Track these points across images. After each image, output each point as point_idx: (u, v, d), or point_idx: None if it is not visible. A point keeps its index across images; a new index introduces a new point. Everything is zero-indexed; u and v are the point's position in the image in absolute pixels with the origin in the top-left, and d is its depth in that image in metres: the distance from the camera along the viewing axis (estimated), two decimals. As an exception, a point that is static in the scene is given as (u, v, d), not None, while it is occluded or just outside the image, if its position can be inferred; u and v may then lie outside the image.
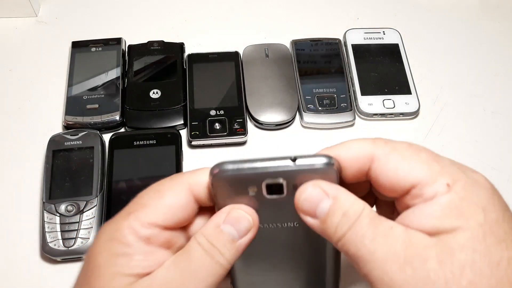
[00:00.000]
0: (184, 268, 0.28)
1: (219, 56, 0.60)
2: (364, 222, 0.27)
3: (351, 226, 0.27)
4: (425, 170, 0.27)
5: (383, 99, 0.57)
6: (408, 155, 0.28)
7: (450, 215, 0.26)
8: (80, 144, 0.51)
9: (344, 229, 0.27)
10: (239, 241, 0.29)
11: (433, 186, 0.27)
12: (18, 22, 0.64)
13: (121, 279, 0.27)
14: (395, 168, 0.28)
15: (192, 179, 0.30)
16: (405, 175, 0.27)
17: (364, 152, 0.29)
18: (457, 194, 0.26)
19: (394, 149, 0.28)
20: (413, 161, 0.28)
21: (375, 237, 0.26)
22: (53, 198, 0.48)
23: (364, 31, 0.63)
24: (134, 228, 0.28)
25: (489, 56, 0.63)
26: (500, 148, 0.56)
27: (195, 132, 0.54)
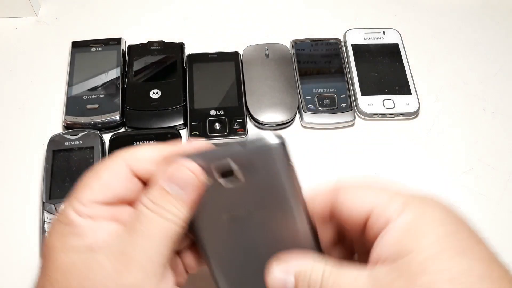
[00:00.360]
0: (134, 230, 0.28)
1: (219, 56, 0.60)
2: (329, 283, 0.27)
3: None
4: (381, 194, 0.28)
5: (383, 99, 0.57)
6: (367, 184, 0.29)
7: (406, 238, 0.26)
8: (80, 144, 0.51)
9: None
10: (187, 197, 0.29)
11: (389, 207, 0.27)
12: (18, 22, 0.64)
13: (74, 252, 0.28)
14: (354, 194, 0.29)
15: (129, 156, 0.30)
16: (364, 199, 0.29)
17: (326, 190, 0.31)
18: (413, 212, 0.27)
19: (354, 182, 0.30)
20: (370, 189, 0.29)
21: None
22: (53, 198, 0.48)
23: (364, 31, 0.63)
24: (76, 209, 0.29)
25: (489, 56, 0.63)
26: (500, 148, 0.56)
27: (195, 132, 0.54)
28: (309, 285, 0.28)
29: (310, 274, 0.28)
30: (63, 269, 0.28)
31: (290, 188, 0.29)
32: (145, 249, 0.28)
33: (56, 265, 0.28)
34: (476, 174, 0.54)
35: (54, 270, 0.28)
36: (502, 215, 0.51)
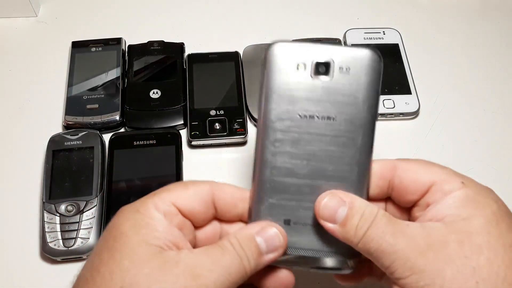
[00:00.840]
0: (215, 258, 0.30)
1: (219, 56, 0.60)
2: (382, 221, 0.30)
3: (370, 225, 0.30)
4: (442, 172, 0.32)
5: (383, 99, 0.57)
6: (424, 163, 0.33)
7: (466, 206, 0.30)
8: (80, 144, 0.51)
9: (364, 229, 0.30)
10: (265, 256, 0.31)
11: (450, 183, 0.31)
12: (18, 22, 0.64)
13: (146, 247, 0.29)
14: (415, 171, 0.33)
15: (216, 185, 0.33)
16: (425, 175, 0.32)
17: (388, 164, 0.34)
18: (471, 189, 0.30)
19: (411, 160, 0.34)
20: (430, 166, 0.33)
21: (395, 232, 0.29)
22: (53, 198, 0.48)
23: (364, 31, 0.63)
24: (157, 204, 0.31)
25: (489, 56, 0.63)
26: (500, 148, 0.56)
27: (195, 132, 0.54)
28: (362, 216, 0.30)
29: (365, 207, 0.31)
30: (138, 262, 0.29)
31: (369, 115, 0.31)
32: (218, 282, 0.29)
33: (131, 256, 0.29)
34: (476, 174, 0.54)
35: (127, 259, 0.29)
36: (502, 215, 0.51)
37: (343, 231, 0.31)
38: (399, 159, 0.34)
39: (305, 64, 0.29)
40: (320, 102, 0.30)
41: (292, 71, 0.29)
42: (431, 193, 0.32)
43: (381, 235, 0.30)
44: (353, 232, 0.31)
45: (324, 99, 0.30)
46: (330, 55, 0.29)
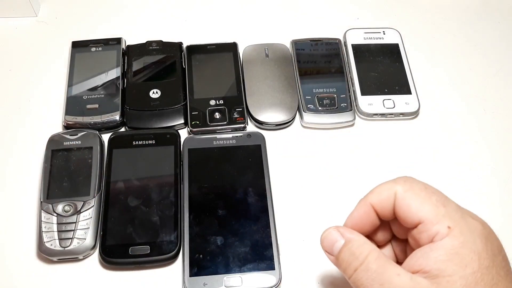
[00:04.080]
0: None
1: (217, 47, 0.60)
2: (373, 266, 0.32)
3: (360, 265, 0.32)
4: (432, 211, 0.32)
5: (383, 99, 0.57)
6: (422, 196, 0.33)
7: (451, 261, 0.31)
8: (79, 144, 0.51)
9: (354, 267, 0.32)
10: None
11: (436, 226, 0.32)
12: (18, 22, 0.64)
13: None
14: (408, 204, 0.33)
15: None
16: (416, 211, 0.33)
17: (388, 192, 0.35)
18: (457, 239, 0.31)
19: (411, 188, 0.34)
20: (425, 201, 0.33)
21: (383, 282, 0.31)
22: (50, 198, 0.48)
23: (364, 31, 0.63)
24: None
25: (489, 56, 0.63)
26: (500, 148, 0.56)
27: (196, 122, 0.54)
28: (351, 254, 0.33)
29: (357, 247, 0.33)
30: None
31: None
32: None
33: None
34: (476, 174, 0.54)
35: None
36: (502, 215, 0.51)
37: (337, 263, 0.34)
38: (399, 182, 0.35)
39: None
40: None
41: None
42: (418, 231, 0.33)
43: (370, 281, 0.32)
44: (344, 266, 0.34)
45: None
46: None
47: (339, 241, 0.34)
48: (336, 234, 0.35)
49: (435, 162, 0.55)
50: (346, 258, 0.33)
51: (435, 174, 0.54)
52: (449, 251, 0.31)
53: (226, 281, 0.44)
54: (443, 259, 0.31)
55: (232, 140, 0.53)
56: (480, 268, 0.30)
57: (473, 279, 0.30)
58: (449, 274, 0.30)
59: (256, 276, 0.45)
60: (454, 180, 0.53)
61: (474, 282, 0.30)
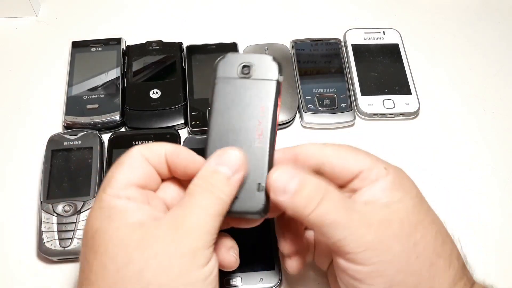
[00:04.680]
0: (189, 204, 0.31)
1: (218, 47, 0.60)
2: (335, 195, 0.32)
3: (323, 197, 0.32)
4: (367, 159, 0.35)
5: (383, 99, 0.57)
6: (352, 150, 0.36)
7: (396, 189, 0.34)
8: (79, 144, 0.51)
9: (317, 200, 0.32)
10: (233, 177, 0.33)
11: (374, 170, 0.35)
12: (18, 22, 0.64)
13: (126, 228, 0.30)
14: (345, 158, 0.35)
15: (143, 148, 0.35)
16: (353, 163, 0.35)
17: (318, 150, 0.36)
18: (396, 174, 0.35)
19: (340, 146, 0.36)
20: (357, 154, 0.36)
21: (348, 207, 0.32)
22: (50, 198, 0.48)
23: (364, 31, 0.63)
24: (112, 194, 0.32)
25: (489, 56, 0.63)
26: (500, 148, 0.56)
27: (196, 122, 0.54)
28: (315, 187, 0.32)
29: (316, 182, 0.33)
30: (122, 243, 0.30)
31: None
32: (199, 220, 0.31)
33: (113, 242, 0.30)
34: (476, 174, 0.54)
35: (112, 246, 0.30)
36: (502, 215, 0.51)
37: (293, 202, 0.32)
38: (328, 144, 0.36)
39: None
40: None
41: None
42: (359, 180, 0.35)
43: (335, 209, 0.32)
44: (304, 202, 0.32)
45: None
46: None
47: (292, 180, 0.32)
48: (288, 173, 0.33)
49: (435, 162, 0.55)
50: (306, 194, 0.32)
51: (435, 174, 0.54)
52: (393, 182, 0.34)
53: (226, 281, 0.44)
54: (389, 188, 0.34)
55: None
56: (419, 193, 0.35)
57: (418, 200, 0.34)
58: (399, 198, 0.33)
59: (256, 276, 0.45)
60: (454, 180, 0.53)
61: (419, 202, 0.34)
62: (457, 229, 0.36)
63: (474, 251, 0.48)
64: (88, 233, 0.32)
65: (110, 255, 0.30)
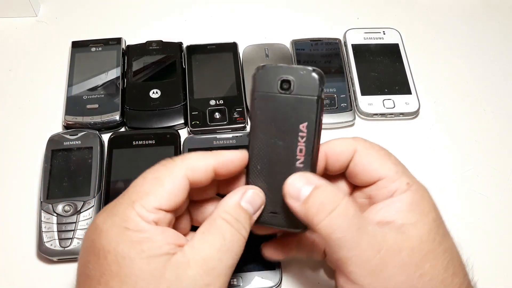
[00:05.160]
0: (218, 244, 0.31)
1: (217, 47, 0.60)
2: (350, 211, 0.31)
3: (335, 209, 0.31)
4: (392, 169, 0.34)
5: (383, 99, 0.57)
6: (382, 154, 0.35)
7: (413, 210, 0.33)
8: (79, 144, 0.51)
9: (328, 210, 0.31)
10: (254, 216, 0.33)
11: (395, 183, 0.34)
12: (18, 22, 0.64)
13: (155, 262, 0.29)
14: (370, 162, 0.35)
15: (188, 165, 0.33)
16: (377, 168, 0.34)
17: (348, 147, 0.35)
18: (417, 193, 0.33)
19: (371, 146, 0.35)
20: (385, 160, 0.35)
21: (361, 228, 0.31)
22: (50, 197, 0.48)
23: (364, 31, 0.63)
24: (142, 215, 0.30)
25: (489, 56, 0.63)
26: (500, 148, 0.56)
27: (196, 122, 0.54)
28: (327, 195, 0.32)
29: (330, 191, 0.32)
30: (153, 279, 0.29)
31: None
32: (228, 265, 0.31)
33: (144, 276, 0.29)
34: (476, 174, 0.54)
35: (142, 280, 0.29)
36: (502, 215, 0.51)
37: (305, 208, 0.32)
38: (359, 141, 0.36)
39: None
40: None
41: None
42: (376, 187, 0.34)
43: (346, 225, 0.31)
44: (315, 210, 0.31)
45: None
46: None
47: (306, 186, 0.32)
48: (304, 179, 0.33)
49: (435, 162, 0.55)
50: (319, 201, 0.32)
51: (435, 174, 0.54)
52: (410, 203, 0.33)
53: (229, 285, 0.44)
54: (406, 209, 0.33)
55: (232, 140, 0.53)
56: (438, 217, 0.33)
57: (435, 225, 0.33)
58: (414, 221, 0.32)
59: (256, 276, 0.45)
60: (454, 180, 0.53)
61: (436, 227, 0.33)
62: (457, 230, 0.36)
63: (474, 251, 0.48)
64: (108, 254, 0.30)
65: None
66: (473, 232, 0.50)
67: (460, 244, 0.35)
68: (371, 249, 0.31)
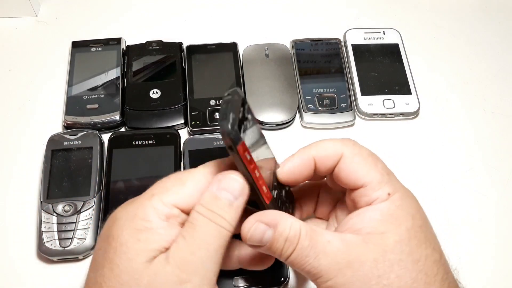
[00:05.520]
0: (190, 238, 0.31)
1: (217, 47, 0.60)
2: (305, 244, 0.32)
3: (294, 249, 0.32)
4: (377, 178, 0.34)
5: (383, 99, 0.57)
6: (369, 161, 0.34)
7: (385, 221, 0.32)
8: (79, 144, 0.51)
9: (288, 252, 0.32)
10: (236, 203, 0.32)
11: (376, 192, 0.33)
12: (18, 22, 0.64)
13: (145, 254, 0.30)
14: (355, 168, 0.34)
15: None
16: (361, 176, 0.34)
17: (335, 151, 0.35)
18: (394, 203, 0.33)
19: (359, 152, 0.35)
20: (371, 168, 0.34)
21: (317, 254, 0.31)
22: (50, 197, 0.48)
23: (364, 31, 0.63)
24: (156, 208, 0.31)
25: (489, 56, 0.63)
26: (500, 148, 0.56)
27: (195, 122, 0.54)
28: (286, 240, 0.32)
29: (289, 230, 0.32)
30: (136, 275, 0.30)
31: None
32: (203, 259, 0.30)
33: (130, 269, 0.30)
34: (476, 174, 0.54)
35: (127, 274, 0.30)
36: (502, 215, 0.51)
37: (271, 251, 0.33)
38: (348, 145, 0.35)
39: None
40: None
41: None
42: (358, 194, 0.34)
43: (305, 259, 0.31)
44: (278, 253, 0.32)
45: None
46: None
47: (267, 231, 0.32)
48: (262, 226, 0.32)
49: (435, 162, 0.55)
50: (280, 245, 0.32)
51: (435, 174, 0.54)
52: (385, 213, 0.32)
53: (235, 281, 0.44)
54: (378, 219, 0.32)
55: None
56: (414, 226, 0.32)
57: (406, 235, 0.31)
58: (382, 231, 0.32)
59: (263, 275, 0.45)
60: (454, 180, 0.53)
61: (407, 238, 0.31)
62: (457, 229, 0.36)
63: (473, 251, 0.48)
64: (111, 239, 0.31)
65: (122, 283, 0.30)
66: (473, 232, 0.50)
67: (460, 243, 0.35)
68: (331, 269, 0.31)
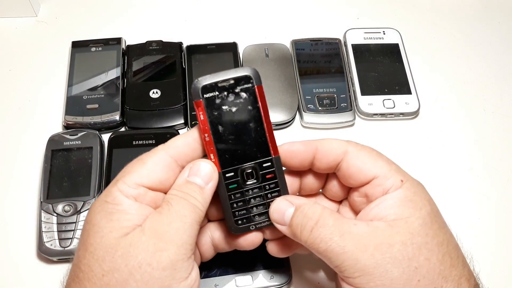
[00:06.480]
0: (167, 211, 0.32)
1: (217, 47, 0.61)
2: (329, 221, 0.33)
3: (315, 224, 0.33)
4: (385, 167, 0.35)
5: (383, 99, 0.57)
6: (374, 154, 0.36)
7: (406, 205, 0.33)
8: (79, 144, 0.51)
9: (309, 227, 0.33)
10: (206, 187, 0.34)
11: (390, 180, 0.34)
12: (18, 22, 0.64)
13: (119, 231, 0.31)
14: (363, 161, 0.35)
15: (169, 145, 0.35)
16: (370, 167, 0.35)
17: (339, 147, 0.36)
18: (409, 190, 0.34)
19: (363, 148, 0.36)
20: (377, 159, 0.35)
21: (343, 233, 0.32)
22: (50, 198, 0.48)
23: (364, 31, 0.63)
24: (122, 190, 0.33)
25: (489, 56, 0.63)
26: (500, 148, 0.56)
27: (196, 122, 0.54)
28: (304, 216, 0.33)
29: (309, 208, 0.34)
30: (110, 248, 0.31)
31: None
32: (178, 230, 0.32)
33: (103, 244, 0.31)
34: (476, 174, 0.54)
35: (100, 249, 0.31)
36: (502, 215, 0.51)
37: (291, 230, 0.34)
38: (351, 143, 0.36)
39: None
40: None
41: None
42: (371, 186, 0.35)
43: (329, 235, 0.32)
44: (299, 230, 0.33)
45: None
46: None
47: (288, 209, 0.35)
48: (285, 203, 0.35)
49: (435, 162, 0.55)
50: (300, 222, 0.33)
51: (435, 174, 0.54)
52: (404, 199, 0.33)
53: (237, 281, 0.44)
54: (399, 205, 0.33)
55: None
56: (433, 210, 0.34)
57: (429, 219, 0.33)
58: (407, 216, 0.33)
59: (267, 274, 0.45)
60: (454, 180, 0.53)
61: (430, 222, 0.33)
62: (457, 230, 0.36)
63: (473, 251, 0.48)
64: (85, 225, 0.33)
65: (97, 258, 0.31)
66: (473, 232, 0.50)
67: (460, 243, 0.35)
68: (358, 250, 0.31)
